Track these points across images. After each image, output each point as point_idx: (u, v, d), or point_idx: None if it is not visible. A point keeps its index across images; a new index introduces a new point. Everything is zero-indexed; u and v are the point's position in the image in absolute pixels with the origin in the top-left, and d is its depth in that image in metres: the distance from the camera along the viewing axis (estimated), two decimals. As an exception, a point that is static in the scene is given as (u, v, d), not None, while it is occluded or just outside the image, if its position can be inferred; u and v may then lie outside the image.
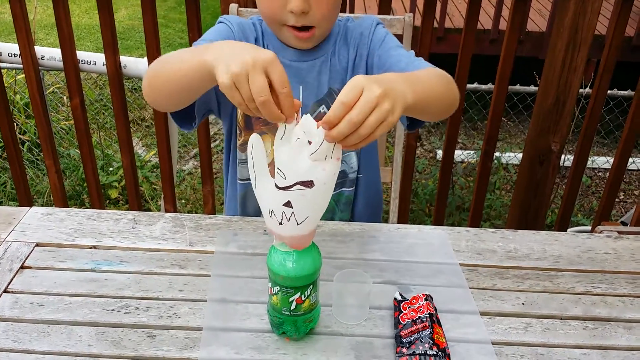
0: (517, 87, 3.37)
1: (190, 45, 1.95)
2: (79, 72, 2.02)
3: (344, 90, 0.76)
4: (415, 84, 0.87)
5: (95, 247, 1.09)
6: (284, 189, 0.78)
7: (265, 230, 1.15)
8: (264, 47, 1.21)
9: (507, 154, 3.52)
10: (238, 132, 1.26)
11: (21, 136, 3.49)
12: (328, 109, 1.18)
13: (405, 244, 1.13)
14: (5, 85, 3.64)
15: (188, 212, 3.12)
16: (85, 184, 2.80)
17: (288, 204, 0.79)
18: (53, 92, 4.00)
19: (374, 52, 1.20)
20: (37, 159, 3.34)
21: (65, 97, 3.90)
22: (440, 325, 0.92)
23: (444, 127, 3.39)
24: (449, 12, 4.03)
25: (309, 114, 0.76)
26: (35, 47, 1.99)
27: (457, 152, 3.51)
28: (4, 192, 3.15)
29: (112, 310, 0.96)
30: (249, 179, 1.25)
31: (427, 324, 0.91)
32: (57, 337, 0.90)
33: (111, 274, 1.03)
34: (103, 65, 2.04)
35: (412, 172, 2.13)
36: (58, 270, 1.04)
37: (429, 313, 0.92)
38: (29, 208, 1.18)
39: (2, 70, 3.57)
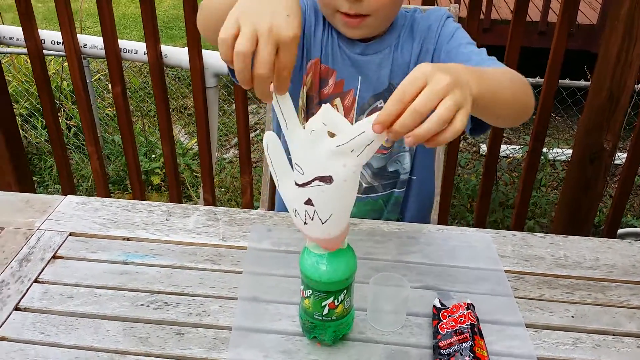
0: (567, 81, 3.24)
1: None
2: (121, 61, 2.02)
3: (403, 83, 0.66)
4: (481, 77, 0.78)
5: (128, 239, 1.08)
6: (302, 185, 0.74)
7: None
8: (325, 30, 1.13)
9: (555, 150, 3.39)
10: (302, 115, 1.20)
11: (68, 121, 3.55)
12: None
13: (447, 246, 1.08)
14: (53, 71, 3.72)
15: (228, 200, 3.12)
16: (128, 170, 2.84)
17: (309, 202, 0.74)
18: (99, 79, 4.06)
19: (442, 48, 1.11)
20: (83, 144, 3.39)
21: (110, 85, 3.94)
22: (482, 337, 0.87)
23: (490, 122, 3.28)
24: (495, 3, 3.91)
25: (328, 104, 0.70)
26: (78, 35, 1.99)
27: (502, 147, 3.40)
28: (50, 175, 3.21)
29: (142, 305, 0.93)
30: None
31: (468, 335, 0.85)
32: (84, 331, 0.88)
33: (142, 267, 1.01)
34: (145, 54, 2.03)
35: (454, 166, 2.06)
36: (90, 262, 1.02)
37: (471, 323, 0.87)
38: (64, 196, 1.18)
39: (50, 58, 3.65)
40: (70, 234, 1.08)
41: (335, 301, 0.82)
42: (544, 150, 3.25)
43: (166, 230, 1.10)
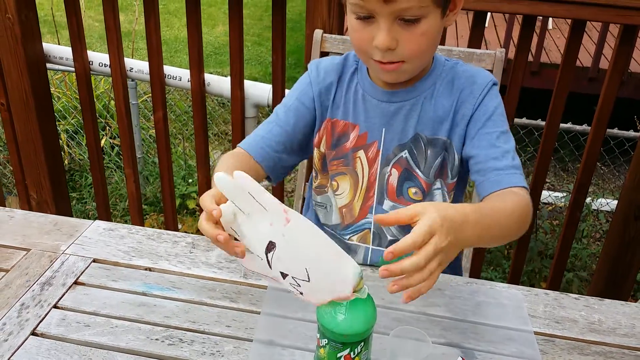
0: (615, 130, 3.15)
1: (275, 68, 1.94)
2: (164, 87, 2.05)
3: (419, 232, 0.75)
4: (484, 226, 0.86)
5: (150, 269, 1.07)
6: (268, 264, 0.78)
7: None
8: (350, 83, 1.15)
9: (599, 201, 3.28)
10: (314, 174, 1.22)
11: (112, 140, 3.63)
12: (411, 154, 1.11)
13: (474, 301, 1.03)
14: (102, 90, 3.82)
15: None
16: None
17: (283, 275, 0.78)
18: (145, 101, 4.15)
19: (476, 123, 1.08)
20: (124, 164, 3.45)
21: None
22: (504, 402, 0.82)
23: (532, 166, 3.22)
24: (545, 46, 3.85)
25: (241, 173, 0.74)
26: (125, 59, 2.04)
27: (544, 193, 3.31)
28: (89, 193, 3.28)
29: (157, 339, 0.92)
30: (326, 223, 1.21)
31: (489, 399, 0.81)
32: (97, 363, 0.87)
33: (161, 299, 1.00)
34: (188, 81, 2.06)
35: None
36: (110, 290, 1.02)
37: (493, 387, 0.82)
38: (92, 221, 1.18)
39: (101, 77, 3.76)
40: (94, 261, 1.08)
41: (352, 353, 0.79)
42: (588, 200, 3.16)
43: (188, 263, 1.09)
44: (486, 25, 4.24)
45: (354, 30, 1.02)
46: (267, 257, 0.77)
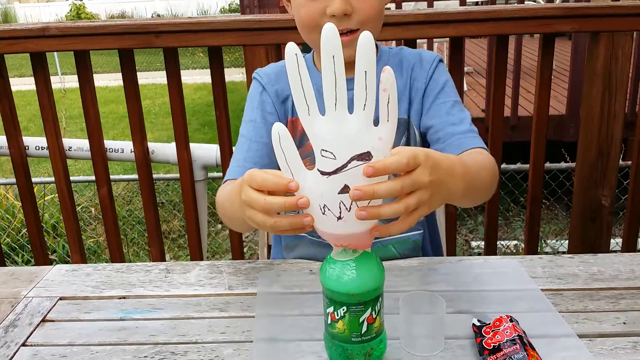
0: (547, 164, 3.29)
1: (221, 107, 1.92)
2: (107, 161, 1.99)
3: (410, 154, 0.68)
4: (469, 177, 0.84)
5: (124, 297, 0.98)
6: (335, 171, 0.66)
7: (311, 270, 1.02)
8: None
9: (552, 242, 3.36)
10: None
11: (51, 256, 3.44)
12: None
13: (472, 274, 0.99)
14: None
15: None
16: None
17: (345, 190, 0.66)
18: (83, 208, 4.00)
19: (430, 95, 1.10)
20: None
21: (95, 211, 3.89)
22: (534, 349, 0.77)
23: (482, 215, 3.26)
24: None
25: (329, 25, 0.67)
26: (63, 139, 1.97)
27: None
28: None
29: (145, 357, 0.82)
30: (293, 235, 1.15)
31: (518, 346, 0.76)
32: (81, 388, 0.76)
33: (143, 321, 0.91)
34: (131, 152, 2.01)
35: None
36: (83, 322, 0.91)
37: (518, 335, 0.78)
38: (52, 266, 1.08)
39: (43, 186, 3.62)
40: (61, 298, 0.98)
41: (373, 313, 0.73)
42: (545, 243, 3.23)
43: (166, 286, 1.00)
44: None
45: (302, 7, 1.01)
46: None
